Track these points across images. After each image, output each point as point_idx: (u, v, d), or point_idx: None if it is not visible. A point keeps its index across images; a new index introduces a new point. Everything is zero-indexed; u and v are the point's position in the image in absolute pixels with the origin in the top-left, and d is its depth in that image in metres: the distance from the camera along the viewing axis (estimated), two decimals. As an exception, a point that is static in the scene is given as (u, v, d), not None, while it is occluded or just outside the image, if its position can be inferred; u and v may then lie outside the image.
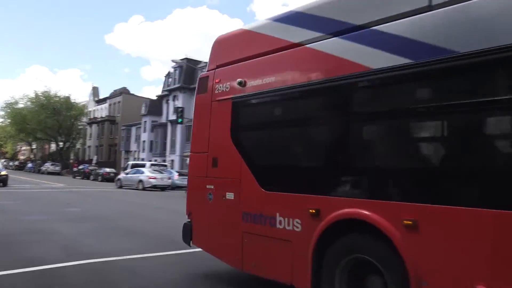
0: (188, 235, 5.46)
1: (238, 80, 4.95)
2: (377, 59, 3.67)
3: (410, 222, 3.23)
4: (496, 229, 2.84)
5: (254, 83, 4.83)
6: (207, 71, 5.61)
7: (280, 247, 4.29)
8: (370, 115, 3.88)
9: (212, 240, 5.21)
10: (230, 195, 4.90)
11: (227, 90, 5.17)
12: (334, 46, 4.06)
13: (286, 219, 4.27)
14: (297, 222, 4.16)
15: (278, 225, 4.33)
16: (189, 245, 5.56)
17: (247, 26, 5.42)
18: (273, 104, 4.84)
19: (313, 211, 3.96)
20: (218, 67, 5.41)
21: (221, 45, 5.54)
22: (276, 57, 4.67)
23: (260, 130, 4.95)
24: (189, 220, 5.52)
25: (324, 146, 4.25)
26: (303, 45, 4.38)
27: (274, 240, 4.37)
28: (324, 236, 3.87)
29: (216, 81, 5.30)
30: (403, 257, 3.26)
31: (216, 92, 5.29)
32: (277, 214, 4.35)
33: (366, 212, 3.53)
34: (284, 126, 4.69)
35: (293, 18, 4.65)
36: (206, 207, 5.20)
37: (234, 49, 5.31)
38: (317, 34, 4.28)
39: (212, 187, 5.14)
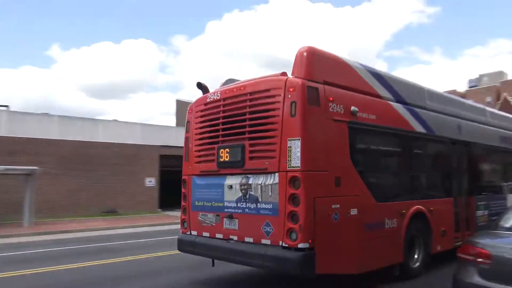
0: (311, 264, 4.93)
1: (354, 108, 5.61)
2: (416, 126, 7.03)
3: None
4: None
5: (367, 116, 5.88)
6: (304, 78, 5.17)
7: (387, 240, 6.10)
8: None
9: (338, 259, 5.32)
10: (353, 211, 5.54)
11: (341, 112, 5.46)
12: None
13: (390, 220, 6.13)
14: (395, 221, 6.19)
15: (386, 226, 6.07)
16: (312, 277, 5.11)
17: (341, 57, 5.99)
18: (392, 141, 6.81)
19: (404, 211, 6.44)
20: (326, 83, 5.38)
21: (322, 61, 5.53)
22: (381, 103, 6.36)
23: (378, 157, 6.62)
24: (307, 248, 4.92)
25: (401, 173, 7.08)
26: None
27: (384, 238, 6.01)
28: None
29: (330, 98, 5.32)
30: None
31: (331, 110, 5.33)
32: (385, 219, 6.08)
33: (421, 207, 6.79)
34: (401, 159, 7.14)
35: (383, 79, 6.50)
36: (332, 227, 5.24)
37: (338, 72, 5.69)
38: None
39: (338, 206, 5.32)
